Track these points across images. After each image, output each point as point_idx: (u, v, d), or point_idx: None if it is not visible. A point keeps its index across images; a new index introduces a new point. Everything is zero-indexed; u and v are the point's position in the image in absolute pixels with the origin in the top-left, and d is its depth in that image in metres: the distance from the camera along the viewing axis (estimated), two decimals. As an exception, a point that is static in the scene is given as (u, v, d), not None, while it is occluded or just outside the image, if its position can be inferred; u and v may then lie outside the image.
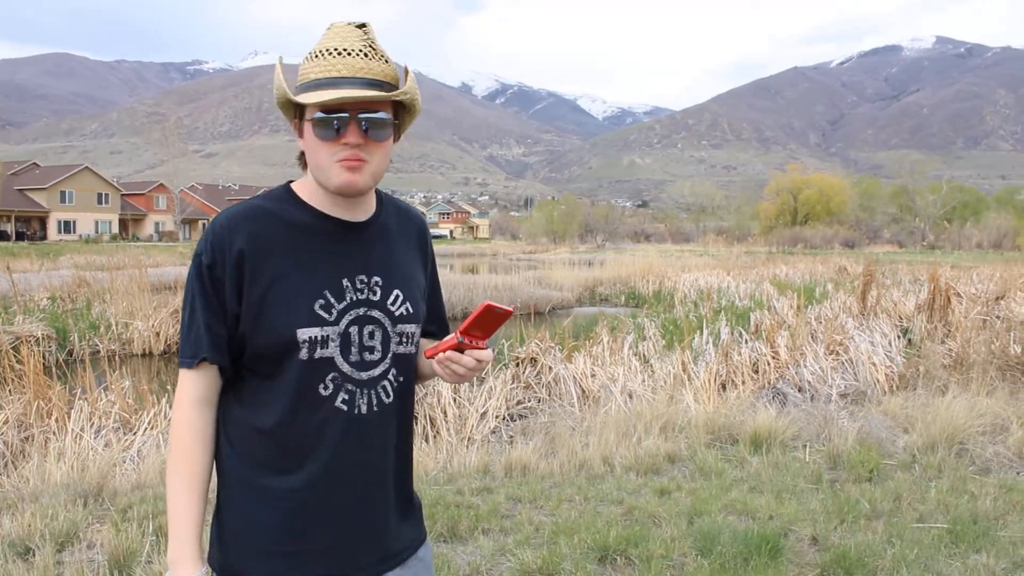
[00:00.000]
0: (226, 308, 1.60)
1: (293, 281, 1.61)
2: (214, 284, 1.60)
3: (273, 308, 1.59)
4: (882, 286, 16.43)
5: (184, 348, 1.62)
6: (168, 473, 1.63)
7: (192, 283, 1.62)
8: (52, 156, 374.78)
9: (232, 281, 1.59)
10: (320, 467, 1.63)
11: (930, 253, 57.11)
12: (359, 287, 1.67)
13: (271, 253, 1.61)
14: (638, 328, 13.20)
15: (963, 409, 6.78)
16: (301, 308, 1.60)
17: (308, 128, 1.60)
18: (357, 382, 1.65)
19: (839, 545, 4.23)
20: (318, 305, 1.61)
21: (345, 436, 1.65)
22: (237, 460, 1.65)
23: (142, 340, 15.52)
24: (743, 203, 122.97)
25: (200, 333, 1.60)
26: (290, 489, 1.63)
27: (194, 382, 1.62)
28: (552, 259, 49.46)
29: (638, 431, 6.71)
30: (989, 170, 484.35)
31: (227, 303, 1.60)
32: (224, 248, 1.59)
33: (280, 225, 1.64)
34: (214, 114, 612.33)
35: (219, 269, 1.59)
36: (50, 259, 38.54)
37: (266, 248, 1.61)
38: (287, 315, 1.59)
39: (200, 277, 1.60)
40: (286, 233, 1.63)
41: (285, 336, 1.59)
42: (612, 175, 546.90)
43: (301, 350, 1.59)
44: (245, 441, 1.65)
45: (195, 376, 1.62)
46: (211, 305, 1.60)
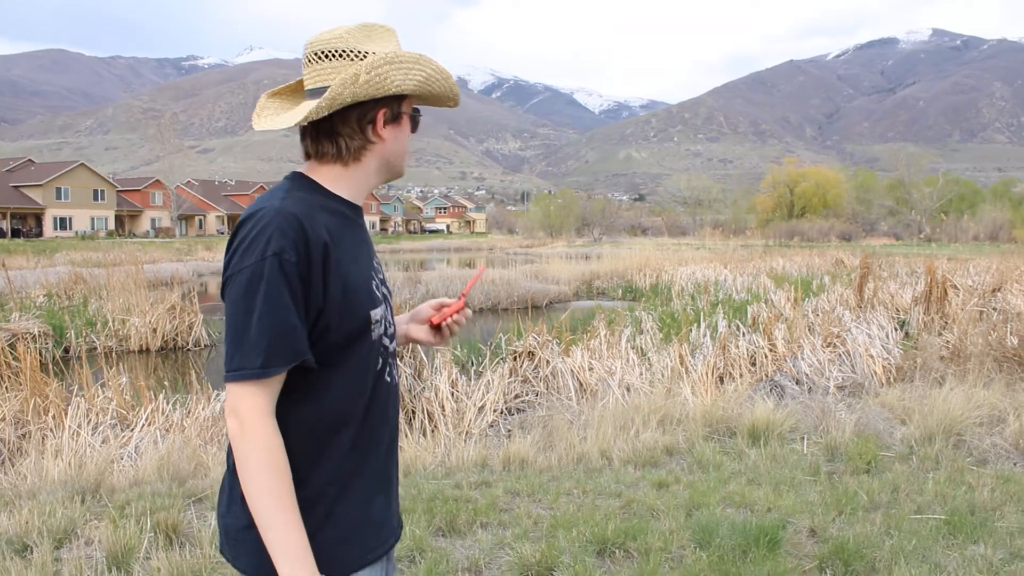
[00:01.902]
0: (310, 305, 1.57)
1: (357, 266, 1.69)
2: (301, 281, 1.55)
3: (354, 293, 1.65)
4: (879, 279, 16.46)
5: (248, 357, 1.52)
6: (264, 498, 1.52)
7: (270, 284, 1.52)
8: (48, 152, 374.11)
9: (319, 275, 1.58)
10: (386, 443, 1.77)
11: (927, 246, 57.17)
12: (377, 266, 1.82)
13: (339, 243, 1.64)
14: (635, 321, 13.19)
15: (960, 401, 6.79)
16: (368, 290, 1.70)
17: (407, 121, 1.78)
18: (392, 354, 1.80)
19: (837, 537, 4.24)
20: (374, 285, 1.73)
21: (395, 408, 1.81)
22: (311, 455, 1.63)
23: (139, 337, 15.49)
24: (739, 196, 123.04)
25: (278, 337, 1.52)
26: (371, 468, 1.73)
27: (266, 392, 1.54)
28: (549, 253, 49.48)
29: (636, 424, 6.72)
30: (985, 163, 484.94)
31: (312, 299, 1.57)
32: (308, 243, 1.56)
33: (332, 214, 1.68)
34: (210, 110, 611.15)
35: (304, 265, 1.55)
36: (46, 256, 38.49)
37: (336, 238, 1.64)
38: (364, 298, 1.67)
39: (284, 276, 1.53)
40: (336, 221, 1.68)
41: (364, 319, 1.67)
42: (609, 169, 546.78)
43: (373, 331, 1.69)
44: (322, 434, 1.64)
45: (266, 386, 1.53)
46: (297, 305, 1.55)
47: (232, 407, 1.53)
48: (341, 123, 1.68)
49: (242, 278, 1.54)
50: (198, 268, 38.77)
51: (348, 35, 1.69)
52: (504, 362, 9.32)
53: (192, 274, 35.27)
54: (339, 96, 1.62)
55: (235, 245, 1.58)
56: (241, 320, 1.53)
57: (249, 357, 1.51)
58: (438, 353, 8.94)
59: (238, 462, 1.53)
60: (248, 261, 1.54)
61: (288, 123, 1.69)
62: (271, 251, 1.53)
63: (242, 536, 1.63)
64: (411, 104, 1.77)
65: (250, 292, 1.53)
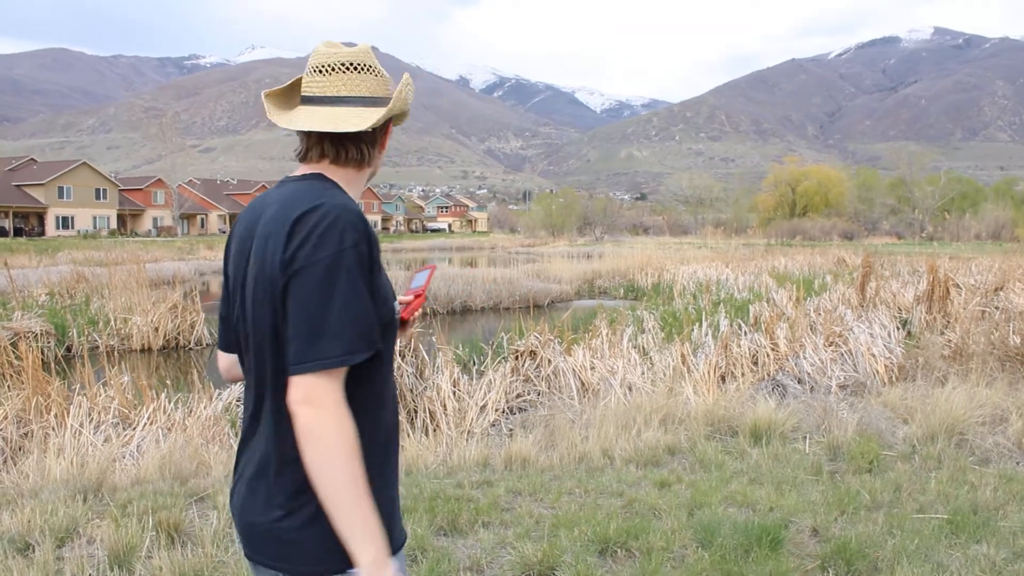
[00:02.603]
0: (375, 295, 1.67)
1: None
2: (371, 271, 1.66)
3: (388, 286, 1.77)
4: (881, 277, 16.44)
5: (331, 347, 1.56)
6: (349, 484, 1.55)
7: (351, 274, 1.59)
8: (49, 151, 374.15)
9: (376, 268, 1.70)
10: (397, 424, 1.85)
11: (928, 244, 57.09)
12: None
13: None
14: (637, 320, 13.19)
15: (962, 400, 6.78)
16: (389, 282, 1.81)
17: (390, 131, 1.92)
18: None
19: (840, 536, 4.23)
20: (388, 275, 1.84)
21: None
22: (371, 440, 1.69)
23: (141, 335, 15.51)
24: (741, 195, 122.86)
25: (364, 325, 1.60)
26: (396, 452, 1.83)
27: (338, 380, 1.58)
28: (551, 252, 49.47)
29: (638, 423, 6.72)
30: (987, 161, 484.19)
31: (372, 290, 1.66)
32: (370, 236, 1.67)
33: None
34: (211, 109, 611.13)
35: (371, 256, 1.66)
36: (48, 255, 38.53)
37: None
38: (390, 290, 1.79)
39: (361, 266, 1.61)
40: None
41: (393, 309, 1.78)
42: (610, 168, 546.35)
43: (396, 320, 1.82)
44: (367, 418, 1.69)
45: (339, 374, 1.58)
46: (370, 294, 1.64)
47: (307, 397, 1.54)
48: (369, 131, 1.82)
49: (319, 269, 1.57)
50: (200, 267, 38.81)
51: (369, 53, 1.86)
52: (506, 361, 9.32)
53: (194, 273, 35.29)
54: (394, 108, 1.80)
55: (301, 238, 1.60)
56: (320, 310, 1.56)
57: (332, 346, 1.55)
58: (440, 352, 8.93)
59: (318, 452, 1.54)
60: (324, 253, 1.58)
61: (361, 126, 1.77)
62: (348, 243, 1.60)
63: (304, 535, 1.64)
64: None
65: (329, 283, 1.57)
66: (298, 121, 1.79)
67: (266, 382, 1.69)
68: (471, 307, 22.85)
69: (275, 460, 1.67)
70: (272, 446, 1.67)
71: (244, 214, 1.84)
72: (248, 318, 1.72)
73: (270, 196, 1.77)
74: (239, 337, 1.80)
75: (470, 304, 22.87)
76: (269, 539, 1.67)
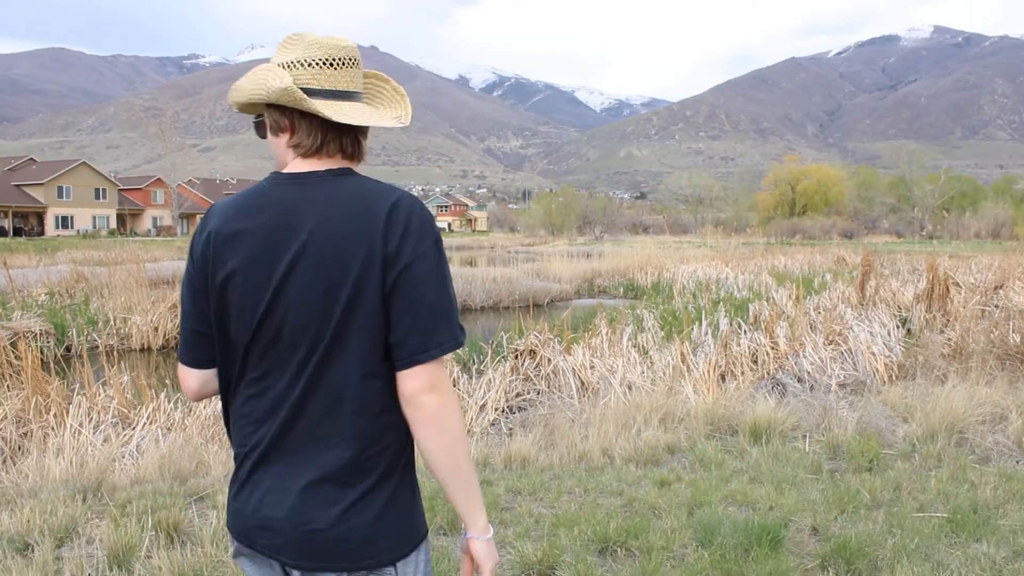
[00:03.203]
0: None
1: None
2: None
3: None
4: (881, 276, 16.44)
5: (453, 331, 1.64)
6: (467, 460, 1.68)
7: (447, 262, 1.68)
8: (49, 151, 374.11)
9: None
10: None
11: (928, 243, 57.06)
12: None
13: None
14: (637, 320, 13.19)
15: (962, 398, 6.78)
16: None
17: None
18: None
19: (839, 535, 4.23)
20: None
21: None
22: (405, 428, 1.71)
23: (140, 335, 15.51)
24: (741, 194, 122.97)
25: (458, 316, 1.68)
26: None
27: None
28: (550, 251, 49.44)
29: (637, 422, 6.71)
30: (987, 159, 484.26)
31: None
32: None
33: None
34: (211, 108, 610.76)
35: None
36: (48, 254, 38.49)
37: None
38: None
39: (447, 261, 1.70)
40: None
41: None
42: (610, 167, 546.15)
43: None
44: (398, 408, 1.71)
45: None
46: None
47: (432, 384, 1.61)
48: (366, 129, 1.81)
49: (431, 259, 1.63)
50: (200, 267, 38.68)
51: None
52: (505, 360, 9.32)
53: (193, 272, 35.17)
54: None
55: (401, 231, 1.61)
56: (437, 299, 1.62)
57: (453, 330, 1.64)
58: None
59: (448, 435, 1.63)
60: (428, 243, 1.63)
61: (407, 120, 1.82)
62: (438, 233, 1.67)
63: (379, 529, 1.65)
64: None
65: (440, 272, 1.64)
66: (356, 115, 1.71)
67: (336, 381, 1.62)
68: (471, 306, 22.85)
69: (355, 459, 1.63)
70: (354, 447, 1.63)
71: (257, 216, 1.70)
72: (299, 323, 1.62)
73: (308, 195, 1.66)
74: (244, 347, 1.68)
75: (470, 303, 22.88)
76: (340, 542, 1.62)
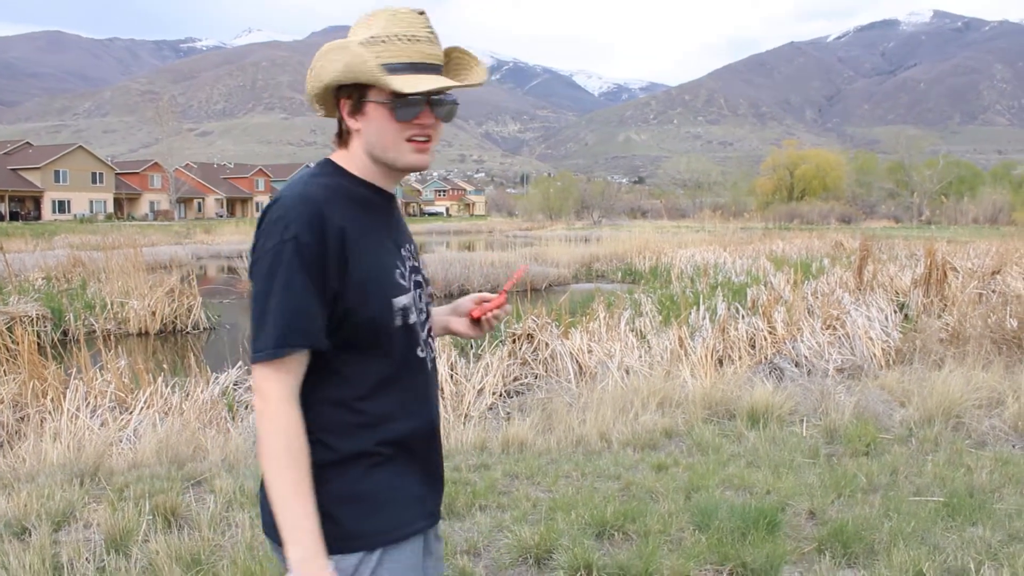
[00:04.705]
0: (326, 287, 1.60)
1: (380, 253, 1.70)
2: (317, 264, 1.58)
3: (374, 282, 1.66)
4: (878, 261, 16.44)
5: (268, 338, 1.56)
6: (276, 477, 1.57)
7: (287, 266, 1.56)
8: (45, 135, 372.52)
9: (337, 259, 1.61)
10: (427, 422, 1.79)
11: (926, 228, 57.07)
12: (404, 255, 1.79)
13: (362, 229, 1.67)
14: (635, 304, 13.19)
15: (959, 383, 6.78)
16: (392, 278, 1.71)
17: (379, 109, 1.67)
18: (426, 341, 1.82)
19: (836, 519, 4.24)
20: (398, 274, 1.73)
21: (432, 390, 1.84)
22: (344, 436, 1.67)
23: (138, 319, 15.47)
24: (739, 179, 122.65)
25: (292, 320, 1.56)
26: (407, 442, 1.73)
27: (286, 374, 1.58)
28: (548, 236, 49.28)
29: (635, 407, 6.71)
30: (986, 145, 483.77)
31: (329, 282, 1.60)
32: (324, 227, 1.60)
33: (355, 201, 1.71)
34: (208, 92, 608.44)
35: (320, 247, 1.58)
36: (44, 239, 38.42)
37: (357, 224, 1.67)
38: (385, 286, 1.68)
39: (300, 257, 1.56)
40: (360, 208, 1.71)
41: (386, 307, 1.67)
42: (608, 151, 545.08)
43: (396, 318, 1.69)
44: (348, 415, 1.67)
45: (284, 367, 1.57)
46: (313, 286, 1.58)
47: (256, 387, 1.59)
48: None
49: (264, 261, 1.58)
50: (197, 251, 38.79)
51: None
52: (503, 345, 9.32)
53: (191, 257, 35.24)
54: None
55: (260, 229, 1.62)
56: (261, 302, 1.58)
57: (268, 339, 1.56)
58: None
59: (258, 441, 1.58)
60: (269, 244, 1.58)
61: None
62: (289, 235, 1.57)
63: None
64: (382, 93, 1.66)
65: (270, 275, 1.57)
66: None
67: None
68: (468, 290, 22.78)
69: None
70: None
71: None
72: None
73: None
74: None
75: (467, 287, 22.84)
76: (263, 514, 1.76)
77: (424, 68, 1.69)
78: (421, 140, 1.71)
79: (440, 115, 1.73)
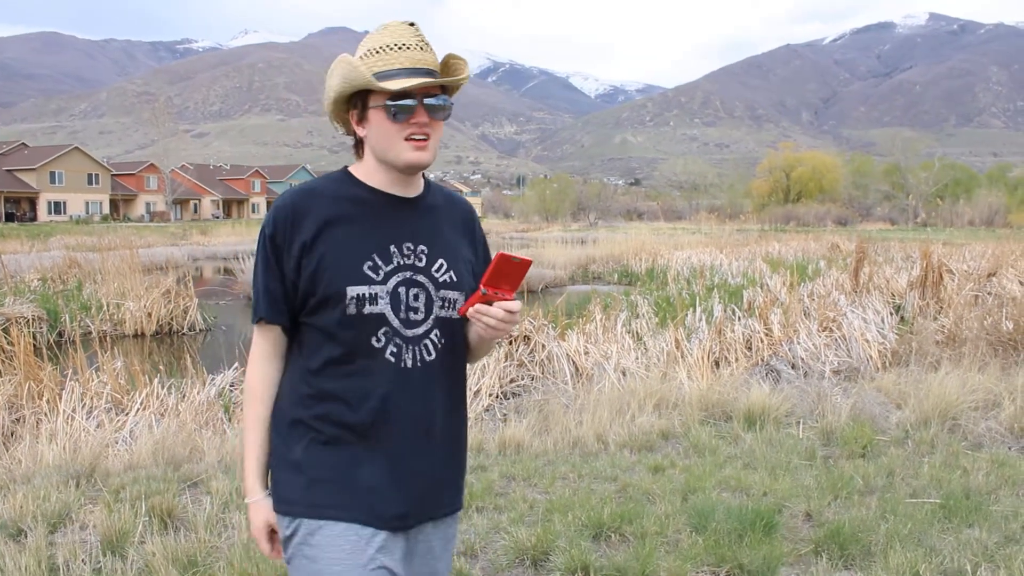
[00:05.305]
0: (284, 273, 1.88)
1: (347, 246, 1.87)
2: (275, 252, 1.89)
3: (328, 270, 1.85)
4: (874, 263, 16.45)
5: (253, 308, 1.95)
6: (245, 420, 1.98)
7: (257, 253, 1.93)
8: (41, 136, 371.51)
9: (293, 249, 1.87)
10: (370, 412, 1.87)
11: (922, 230, 57.13)
12: (406, 253, 1.92)
13: (343, 222, 1.89)
14: (631, 306, 13.19)
15: (955, 385, 6.79)
16: (351, 269, 1.86)
17: (377, 114, 1.87)
18: (404, 338, 1.89)
19: (833, 521, 4.24)
20: (366, 266, 1.87)
21: (392, 385, 1.88)
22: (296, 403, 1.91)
23: (134, 321, 15.45)
24: (736, 181, 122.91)
25: (260, 297, 1.91)
26: (346, 426, 1.87)
27: (261, 337, 1.95)
28: (545, 237, 49.35)
29: (632, 408, 6.72)
30: (981, 147, 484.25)
31: (286, 269, 1.88)
32: (286, 221, 1.88)
33: (337, 199, 1.92)
34: (204, 93, 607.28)
35: (280, 239, 1.88)
36: (40, 240, 38.30)
37: (340, 217, 1.89)
38: (339, 275, 1.85)
39: (264, 247, 1.90)
40: (344, 206, 1.91)
41: (337, 293, 1.84)
42: (604, 153, 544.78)
43: (349, 305, 1.84)
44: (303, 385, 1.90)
45: (261, 332, 1.94)
46: (271, 272, 1.90)
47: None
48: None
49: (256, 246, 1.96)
50: (193, 252, 38.77)
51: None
52: (500, 346, 9.31)
53: (187, 258, 35.22)
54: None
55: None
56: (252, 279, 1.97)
57: (253, 308, 1.95)
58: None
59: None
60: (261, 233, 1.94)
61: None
62: (264, 225, 1.92)
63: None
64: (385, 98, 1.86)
65: (255, 258, 1.95)
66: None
67: None
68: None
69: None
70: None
71: None
72: None
73: None
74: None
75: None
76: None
77: (416, 73, 1.86)
78: (419, 139, 1.87)
79: (434, 114, 1.89)
